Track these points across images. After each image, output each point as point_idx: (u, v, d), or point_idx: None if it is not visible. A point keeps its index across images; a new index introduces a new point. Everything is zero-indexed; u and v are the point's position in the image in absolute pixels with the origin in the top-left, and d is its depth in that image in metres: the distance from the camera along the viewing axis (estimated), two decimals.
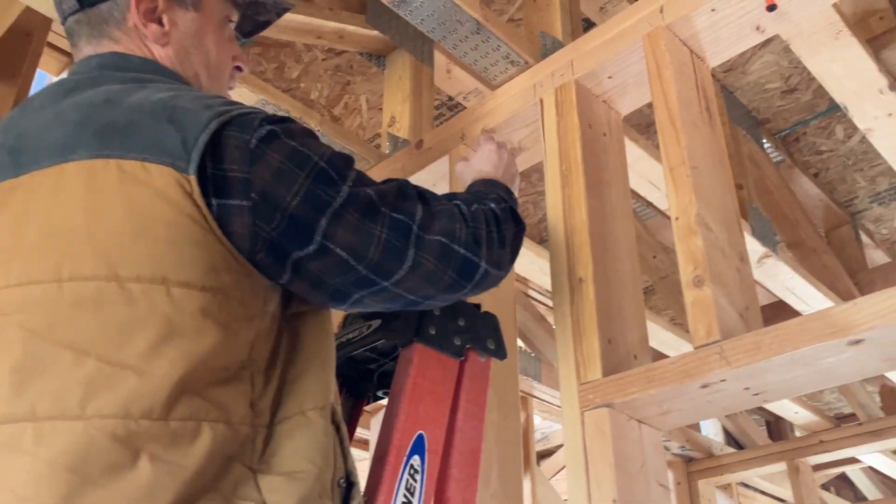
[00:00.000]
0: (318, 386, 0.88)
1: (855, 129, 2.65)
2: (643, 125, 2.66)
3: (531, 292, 3.09)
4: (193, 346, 0.77)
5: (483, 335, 1.32)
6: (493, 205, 1.11)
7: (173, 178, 0.79)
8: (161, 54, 1.00)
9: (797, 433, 4.60)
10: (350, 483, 0.89)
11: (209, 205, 0.80)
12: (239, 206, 0.81)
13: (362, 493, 0.93)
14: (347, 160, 0.92)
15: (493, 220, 1.08)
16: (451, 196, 1.09)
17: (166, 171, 0.80)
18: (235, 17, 1.09)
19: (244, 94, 1.77)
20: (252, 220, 0.82)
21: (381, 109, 2.44)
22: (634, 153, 1.83)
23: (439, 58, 2.09)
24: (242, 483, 0.78)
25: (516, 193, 1.31)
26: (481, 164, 1.32)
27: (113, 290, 0.78)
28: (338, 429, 0.90)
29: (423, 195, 0.99)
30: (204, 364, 0.78)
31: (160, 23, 1.00)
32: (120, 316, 0.77)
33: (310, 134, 0.91)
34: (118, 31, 0.99)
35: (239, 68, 1.10)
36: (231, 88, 1.12)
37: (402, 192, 0.96)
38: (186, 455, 0.75)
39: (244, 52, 1.14)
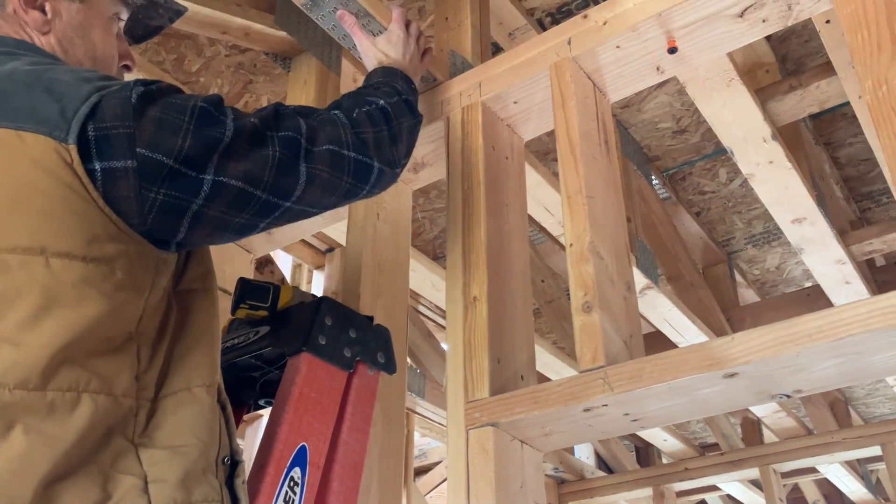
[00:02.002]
0: (206, 363, 0.89)
1: (737, 172, 2.80)
2: (541, 153, 2.73)
3: (421, 308, 3.10)
4: (74, 316, 0.77)
5: (374, 348, 1.31)
6: (382, 101, 1.16)
7: (51, 146, 0.78)
8: (42, 42, 0.99)
9: (664, 460, 4.79)
10: (235, 461, 0.90)
11: (92, 171, 0.79)
12: (123, 169, 0.81)
13: (246, 471, 0.94)
14: (219, 98, 0.93)
15: (382, 119, 1.13)
16: (333, 105, 1.12)
17: (42, 139, 0.79)
18: (125, 16, 1.10)
19: None
20: (138, 184, 0.81)
21: None
22: (533, 179, 1.87)
23: (347, 66, 2.07)
24: (123, 456, 0.78)
25: (417, 82, 1.38)
26: (386, 47, 1.39)
27: None
28: (223, 408, 0.91)
29: (300, 111, 1.02)
30: (86, 334, 0.77)
31: (43, 10, 1.00)
32: None
33: (178, 90, 0.92)
34: None
35: (127, 67, 1.11)
36: None
37: (281, 113, 0.98)
38: (64, 426, 0.74)
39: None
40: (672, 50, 1.40)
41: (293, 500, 1.05)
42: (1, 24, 0.99)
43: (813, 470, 4.04)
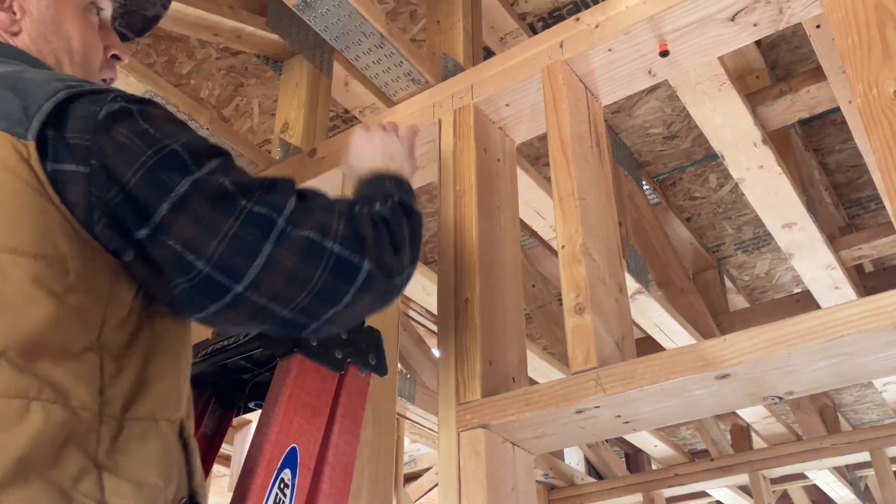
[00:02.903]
0: (172, 396, 0.84)
1: (727, 178, 2.81)
2: (532, 157, 2.73)
3: (412, 313, 3.09)
4: (21, 316, 0.72)
5: (365, 350, 1.30)
6: (378, 206, 1.00)
7: (8, 142, 0.76)
8: (14, 43, 0.97)
9: (654, 466, 4.79)
10: (194, 502, 0.85)
11: (46, 170, 0.77)
12: (74, 173, 0.78)
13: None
14: (216, 150, 0.85)
15: (383, 223, 0.97)
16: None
17: (1, 135, 0.76)
18: (106, 6, 1.06)
19: (132, 84, 1.69)
20: (87, 189, 0.78)
21: (273, 115, 2.39)
22: (524, 182, 1.87)
23: (338, 69, 2.07)
24: (85, 477, 0.72)
25: (407, 169, 1.20)
26: (356, 161, 1.21)
27: None
28: (185, 445, 0.85)
29: (302, 192, 0.89)
30: (35, 338, 0.72)
31: (11, 11, 0.97)
32: None
33: (174, 121, 0.86)
34: None
35: (117, 57, 1.07)
36: (112, 79, 1.08)
37: (275, 185, 0.87)
38: (11, 435, 0.68)
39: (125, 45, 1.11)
40: (664, 53, 1.41)
41: (283, 502, 1.04)
42: None
43: (802, 476, 4.04)
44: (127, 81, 1.73)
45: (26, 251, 0.74)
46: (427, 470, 4.39)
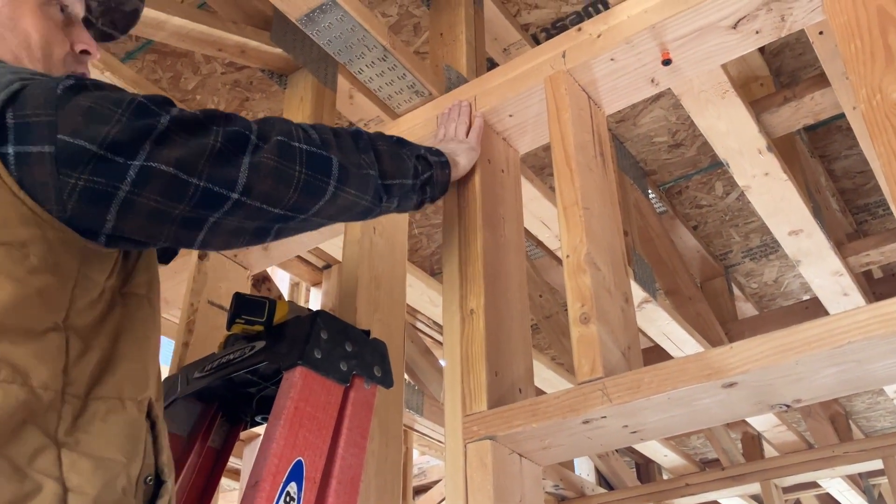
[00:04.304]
0: (139, 376, 0.87)
1: (733, 186, 2.80)
2: (537, 167, 2.73)
3: (419, 324, 3.09)
4: None
5: (370, 362, 1.30)
6: (357, 129, 1.16)
7: None
8: None
9: (665, 476, 4.76)
10: (160, 481, 0.87)
11: (5, 155, 0.79)
12: (39, 154, 0.79)
13: (173, 491, 0.90)
14: (168, 98, 0.91)
15: (350, 134, 1.11)
16: None
17: None
18: (71, 2, 1.06)
19: None
20: (54, 169, 0.79)
21: None
22: (529, 193, 1.87)
23: (343, 82, 2.08)
24: (42, 454, 0.74)
25: (461, 161, 1.38)
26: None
27: None
28: (153, 424, 0.88)
29: (255, 119, 1.00)
30: None
31: None
32: None
33: (120, 89, 0.90)
34: None
35: (87, 52, 1.07)
36: (84, 74, 1.07)
37: (232, 115, 0.96)
38: None
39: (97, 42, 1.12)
40: (666, 62, 1.41)
41: None
42: None
43: (814, 484, 4.01)
44: None
45: None
46: (437, 482, 4.38)
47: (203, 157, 0.87)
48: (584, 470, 4.63)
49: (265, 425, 1.46)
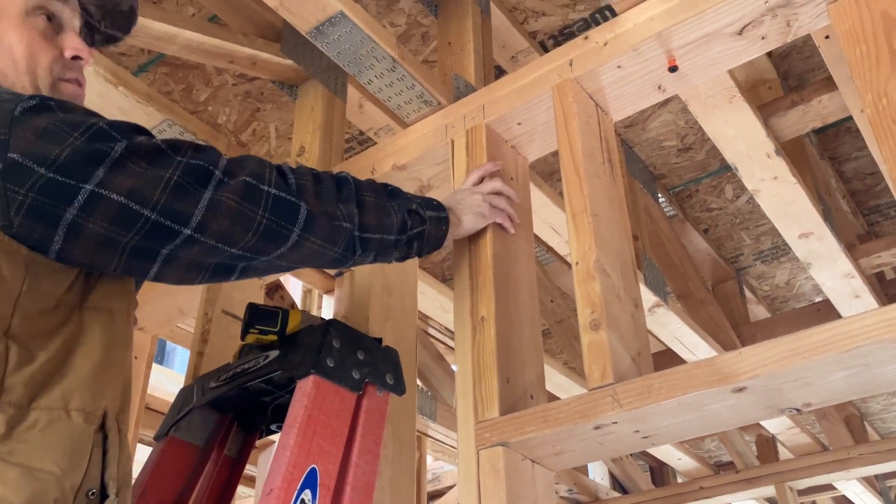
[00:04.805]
0: (95, 387, 0.86)
1: (743, 189, 2.80)
2: (546, 173, 2.74)
3: (431, 330, 3.10)
4: None
5: (382, 369, 1.32)
6: (345, 175, 1.13)
7: None
8: None
9: (679, 479, 4.75)
10: (104, 495, 0.86)
11: None
12: None
13: None
14: (138, 127, 0.90)
15: (334, 182, 1.08)
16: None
17: None
18: (56, 7, 1.06)
19: (151, 114, 1.72)
20: (2, 185, 0.80)
21: (290, 138, 2.42)
22: (538, 199, 1.88)
23: (352, 92, 2.10)
24: None
25: (464, 222, 1.33)
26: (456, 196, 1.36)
27: None
28: (105, 437, 0.87)
29: (235, 157, 0.98)
30: None
31: None
32: None
33: (93, 112, 0.90)
34: None
35: (79, 58, 1.07)
36: (77, 82, 1.07)
37: (203, 147, 0.95)
38: None
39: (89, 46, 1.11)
40: (673, 69, 1.42)
41: None
42: None
43: (830, 487, 3.99)
44: (146, 111, 1.77)
45: None
46: (451, 487, 4.38)
47: (158, 189, 0.87)
48: (597, 474, 4.62)
49: (280, 433, 1.48)
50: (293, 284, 2.96)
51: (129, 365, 0.95)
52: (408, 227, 1.18)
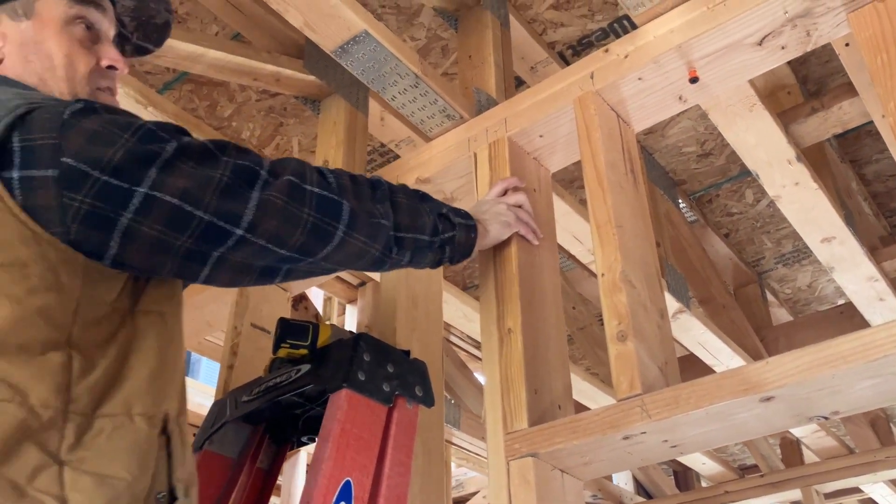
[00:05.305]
0: (154, 391, 0.86)
1: (763, 193, 2.80)
2: (567, 181, 2.76)
3: (453, 339, 3.12)
4: None
5: (411, 382, 1.34)
6: (378, 178, 1.15)
7: None
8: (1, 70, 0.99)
9: (703, 483, 4.73)
10: (173, 497, 0.86)
11: (9, 180, 0.79)
12: (42, 178, 0.80)
13: None
14: (181, 128, 0.91)
15: (369, 183, 1.10)
16: None
17: None
18: (95, 18, 1.08)
19: None
20: (58, 192, 0.80)
21: (313, 152, 2.46)
22: (561, 209, 1.89)
23: (374, 105, 2.13)
24: (42, 472, 0.74)
25: (491, 231, 1.35)
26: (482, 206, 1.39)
27: None
28: (169, 440, 0.87)
29: (273, 159, 1.00)
30: None
31: None
32: None
33: (134, 115, 0.90)
34: None
35: (113, 67, 1.09)
36: (111, 90, 1.09)
37: (245, 148, 0.96)
38: None
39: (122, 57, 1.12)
40: (693, 80, 1.43)
41: None
42: None
43: (857, 490, 3.96)
44: None
45: None
46: (474, 494, 4.39)
47: (210, 189, 0.87)
48: (622, 479, 4.61)
49: (314, 446, 1.50)
50: (314, 293, 2.99)
51: (183, 366, 0.95)
52: (439, 230, 1.19)
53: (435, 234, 1.18)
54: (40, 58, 1.01)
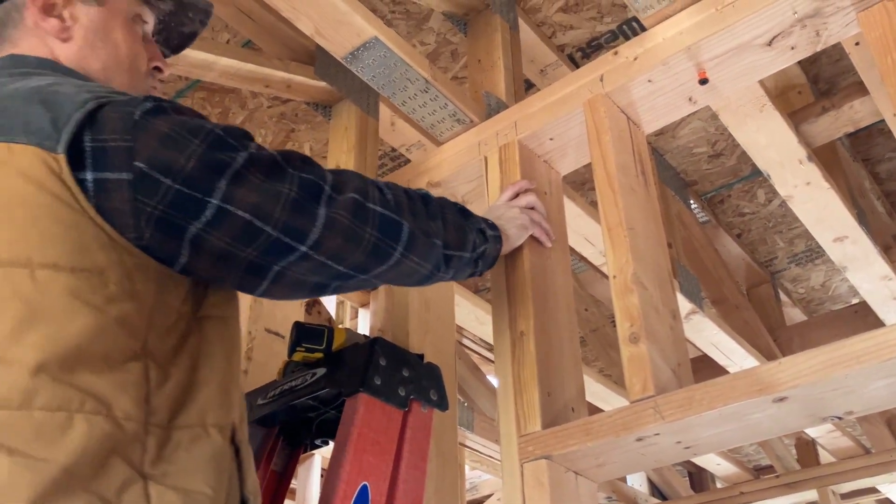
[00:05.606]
0: (222, 401, 0.84)
1: (775, 193, 2.79)
2: (577, 183, 2.76)
3: (466, 341, 3.13)
4: (60, 330, 0.73)
5: (426, 386, 1.35)
6: (425, 192, 1.14)
7: (39, 157, 0.76)
8: (64, 51, 0.98)
9: (718, 484, 4.71)
10: None
11: (83, 181, 0.77)
12: (117, 181, 0.78)
13: None
14: (245, 132, 0.90)
15: (420, 198, 1.09)
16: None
17: (31, 150, 0.76)
18: (149, 18, 1.08)
19: None
20: (132, 196, 0.78)
21: (324, 157, 2.47)
22: (572, 211, 1.90)
23: (384, 110, 2.14)
24: (129, 487, 0.72)
25: (511, 235, 1.35)
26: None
27: None
28: (238, 451, 0.85)
29: (330, 169, 0.99)
30: (75, 350, 0.73)
31: (61, 18, 0.99)
32: None
33: (201, 115, 0.89)
34: (17, 33, 0.98)
35: (158, 69, 1.09)
36: (154, 89, 1.09)
37: (308, 159, 0.95)
38: (54, 449, 0.68)
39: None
40: (703, 81, 1.43)
41: None
42: (21, 38, 0.98)
43: (873, 490, 3.94)
44: None
45: (63, 265, 0.75)
46: (489, 497, 4.40)
47: (279, 205, 0.86)
48: (636, 481, 4.60)
49: (324, 447, 1.51)
50: (327, 297, 3.00)
51: (241, 372, 0.94)
52: (476, 245, 1.20)
53: (474, 251, 1.19)
54: (107, 47, 1.00)
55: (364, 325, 2.84)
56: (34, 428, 0.69)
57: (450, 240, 1.11)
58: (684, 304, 2.32)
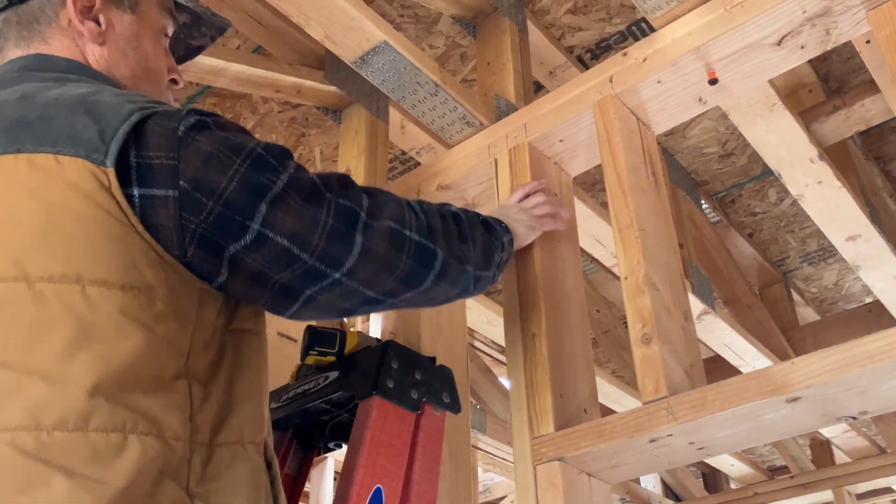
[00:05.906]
0: (256, 417, 0.84)
1: (787, 192, 2.79)
2: (588, 184, 2.76)
3: (477, 343, 3.13)
4: (112, 349, 0.72)
5: (438, 389, 1.35)
6: (454, 208, 1.13)
7: (88, 170, 0.75)
8: (96, 55, 0.97)
9: (732, 485, 4.69)
10: None
11: (130, 196, 0.76)
12: (163, 197, 0.77)
13: None
14: (286, 150, 0.89)
15: (452, 218, 1.09)
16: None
17: (80, 163, 0.75)
18: (170, 32, 1.09)
19: None
20: (178, 213, 0.78)
21: (335, 161, 2.48)
22: (582, 212, 1.90)
23: (394, 114, 2.15)
24: None
25: (517, 229, 1.33)
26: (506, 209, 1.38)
27: (21, 290, 0.72)
28: (269, 466, 0.85)
29: (366, 188, 0.98)
30: (127, 370, 0.72)
31: (97, 22, 0.98)
32: (28, 318, 0.71)
33: (243, 129, 0.89)
34: (49, 30, 0.97)
35: (175, 81, 1.09)
36: (176, 101, 1.12)
37: (346, 181, 0.94)
38: (110, 471, 0.68)
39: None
40: (713, 81, 1.43)
41: None
42: (53, 37, 0.96)
43: (889, 490, 3.91)
44: None
45: (113, 283, 0.74)
46: (502, 499, 4.39)
47: (317, 233, 0.86)
48: (649, 482, 4.59)
49: (336, 451, 1.52)
50: None
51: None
52: (501, 261, 1.20)
53: (498, 268, 1.19)
54: (137, 55, 1.00)
55: (376, 328, 2.85)
56: (91, 449, 0.68)
57: (479, 262, 1.11)
58: (696, 305, 2.31)
